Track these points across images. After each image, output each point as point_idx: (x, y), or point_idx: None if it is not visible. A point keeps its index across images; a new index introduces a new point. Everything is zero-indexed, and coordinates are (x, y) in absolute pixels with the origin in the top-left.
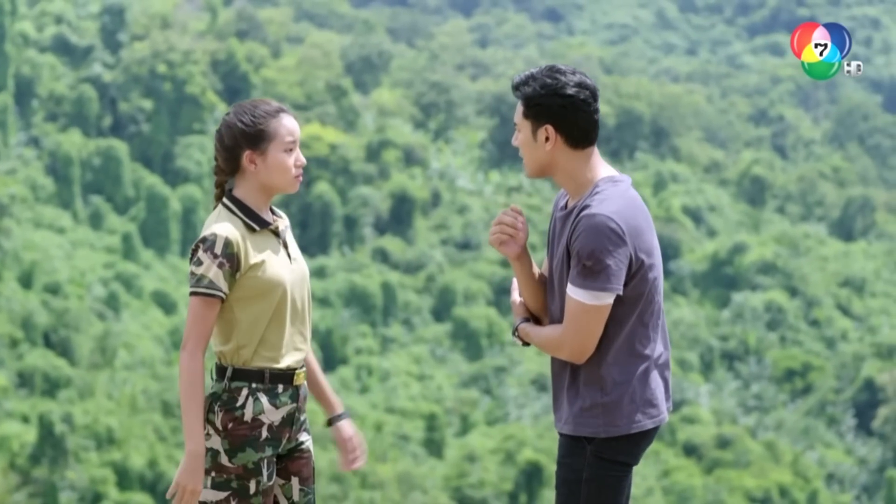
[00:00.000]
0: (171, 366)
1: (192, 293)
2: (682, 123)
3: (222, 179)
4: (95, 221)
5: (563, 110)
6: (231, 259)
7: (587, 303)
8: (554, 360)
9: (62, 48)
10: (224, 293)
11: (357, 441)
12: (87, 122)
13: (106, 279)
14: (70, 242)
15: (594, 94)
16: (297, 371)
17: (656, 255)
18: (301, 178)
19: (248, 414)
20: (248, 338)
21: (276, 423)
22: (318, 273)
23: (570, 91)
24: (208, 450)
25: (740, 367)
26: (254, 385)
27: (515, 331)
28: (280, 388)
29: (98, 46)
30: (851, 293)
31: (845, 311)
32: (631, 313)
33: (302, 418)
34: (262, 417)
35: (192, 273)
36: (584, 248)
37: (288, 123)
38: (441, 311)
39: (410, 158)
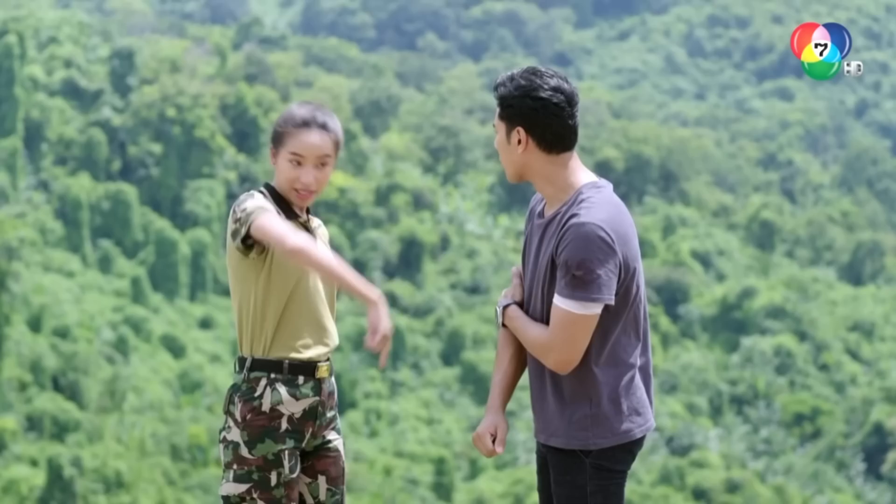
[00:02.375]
0: (179, 409)
1: (249, 224)
2: (691, 167)
3: None
4: (104, 265)
5: (535, 113)
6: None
7: (576, 312)
8: (532, 369)
9: (71, 92)
10: (276, 210)
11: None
12: (96, 166)
13: (115, 323)
14: (79, 286)
15: (570, 100)
16: (319, 364)
17: (639, 262)
18: (304, 196)
19: (266, 404)
20: (265, 325)
21: (297, 415)
22: None
23: (544, 94)
24: (229, 442)
25: (749, 412)
26: (272, 375)
27: (503, 310)
28: (301, 379)
29: (107, 90)
30: (860, 337)
31: (854, 355)
32: (617, 322)
33: (329, 414)
34: (281, 408)
35: (237, 219)
36: (573, 257)
37: (305, 138)
38: (450, 355)
39: (419, 202)
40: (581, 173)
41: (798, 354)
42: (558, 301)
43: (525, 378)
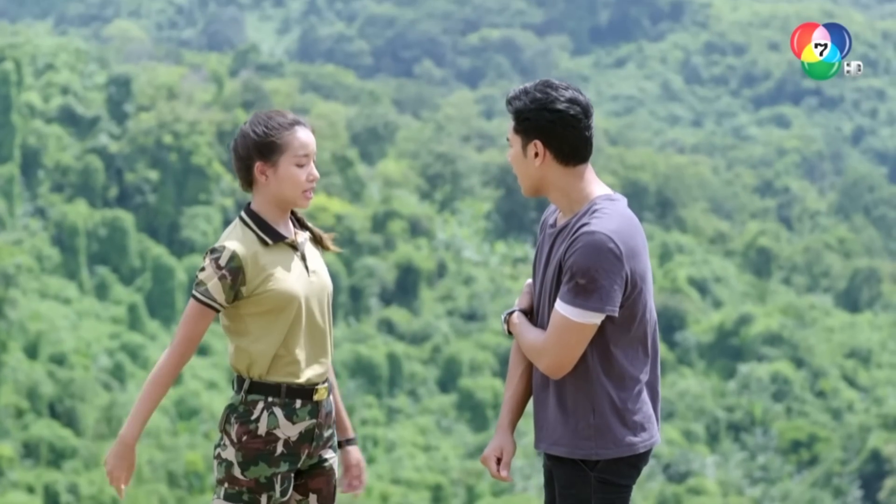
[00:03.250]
0: (176, 436)
1: (192, 296)
2: (688, 194)
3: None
4: (101, 292)
5: (552, 125)
6: (234, 273)
7: (574, 319)
8: (536, 377)
9: (68, 119)
10: (219, 305)
11: (361, 468)
12: (93, 193)
13: (111, 350)
14: (76, 313)
15: (586, 111)
16: (317, 386)
17: (649, 277)
18: (311, 194)
19: (263, 428)
20: (263, 351)
21: (293, 439)
22: None
23: (560, 106)
24: (223, 460)
25: (746, 439)
26: (270, 399)
27: (508, 316)
28: (298, 402)
29: (104, 117)
30: (857, 364)
31: (851, 382)
32: (623, 335)
33: (325, 434)
34: (277, 432)
35: (196, 277)
36: (579, 265)
37: (302, 136)
38: (447, 382)
39: (416, 229)
40: (596, 185)
41: (795, 381)
42: (558, 306)
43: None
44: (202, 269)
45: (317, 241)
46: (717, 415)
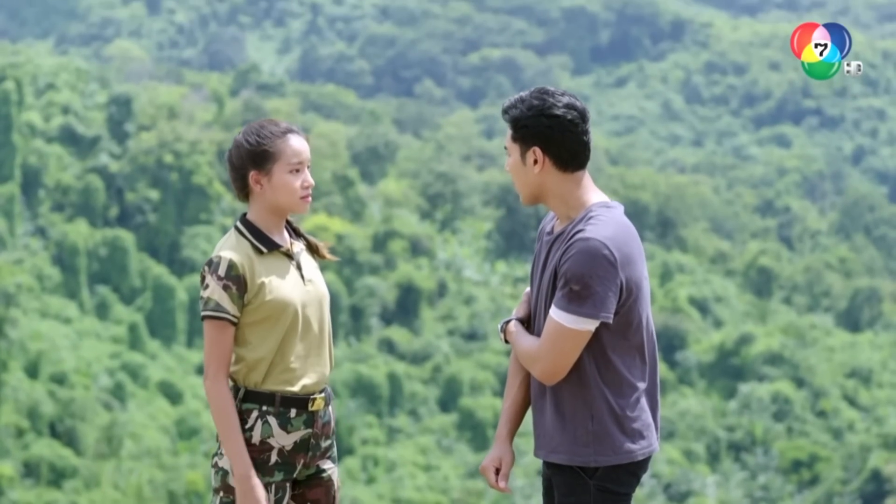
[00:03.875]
0: (177, 456)
1: (203, 317)
2: (689, 214)
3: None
4: (102, 311)
5: (551, 131)
6: (237, 281)
7: (568, 326)
8: (534, 385)
9: (69, 138)
10: (233, 316)
11: (337, 486)
12: (93, 212)
13: (112, 369)
14: (76, 332)
15: (583, 116)
16: (313, 396)
17: (646, 284)
18: (309, 200)
19: (256, 437)
20: (259, 360)
21: (288, 448)
22: None
23: (558, 112)
24: (219, 469)
25: (747, 458)
26: (264, 408)
27: (504, 325)
28: (293, 412)
29: (105, 136)
30: (858, 384)
31: (852, 401)
32: (620, 342)
33: (324, 445)
34: (272, 441)
35: (201, 297)
36: (573, 271)
37: (294, 144)
38: (447, 402)
39: (417, 249)
40: (593, 193)
41: (796, 401)
42: (552, 312)
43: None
44: (205, 287)
45: (312, 250)
46: (717, 434)
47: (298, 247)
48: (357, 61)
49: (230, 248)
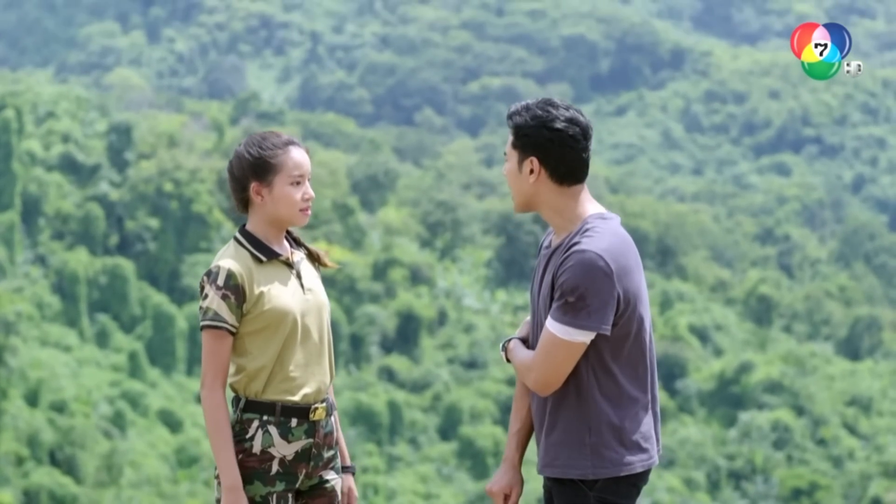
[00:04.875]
0: (176, 484)
1: (201, 327)
2: (689, 242)
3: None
4: (101, 340)
5: (550, 143)
6: (235, 291)
7: (561, 337)
8: (535, 401)
9: (69, 166)
10: (231, 325)
11: (353, 497)
12: (93, 241)
13: (112, 397)
14: (76, 360)
15: (585, 132)
16: (314, 406)
17: (644, 295)
18: (309, 212)
19: (257, 446)
20: (259, 370)
21: (289, 458)
22: None
23: (560, 125)
24: (217, 478)
25: (747, 487)
26: (265, 417)
27: (506, 343)
28: (294, 421)
29: (105, 165)
30: (858, 412)
31: (852, 430)
32: (618, 353)
33: (325, 455)
34: (272, 451)
35: (200, 307)
36: (569, 283)
37: (296, 156)
38: (447, 430)
39: (417, 277)
40: (589, 204)
41: (796, 429)
42: (548, 323)
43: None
44: (204, 297)
45: (313, 258)
46: (717, 463)
47: (299, 256)
48: (357, 90)
49: (229, 258)
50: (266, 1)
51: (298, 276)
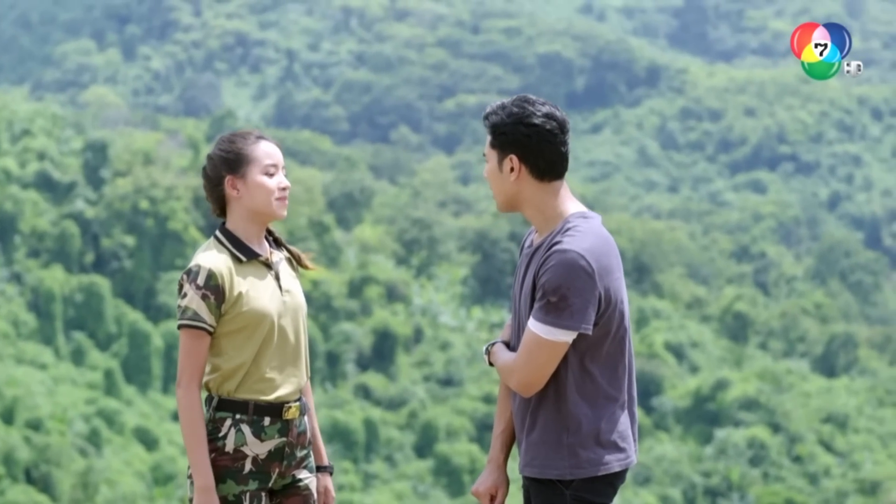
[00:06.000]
0: (152, 502)
1: (179, 326)
2: (665, 260)
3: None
4: (77, 357)
5: (528, 139)
6: (215, 291)
7: (544, 337)
8: (516, 402)
9: (45, 184)
10: (210, 325)
11: (330, 497)
12: (69, 259)
13: (88, 415)
14: (52, 378)
15: (562, 127)
16: (287, 404)
17: (624, 295)
18: (286, 202)
19: (230, 445)
20: (234, 369)
21: (262, 457)
22: None
23: (537, 121)
24: (190, 478)
25: None
26: (237, 416)
27: (489, 348)
28: (266, 420)
29: (80, 182)
30: (834, 429)
31: (828, 447)
32: (597, 353)
33: (298, 454)
34: (245, 449)
35: (178, 306)
36: (550, 283)
37: (266, 147)
38: (423, 448)
39: (393, 294)
40: (570, 203)
41: (772, 446)
42: (530, 324)
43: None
44: (183, 296)
45: (294, 259)
46: (693, 480)
47: (278, 256)
48: (333, 107)
49: (210, 258)
50: (242, 19)
51: (277, 278)
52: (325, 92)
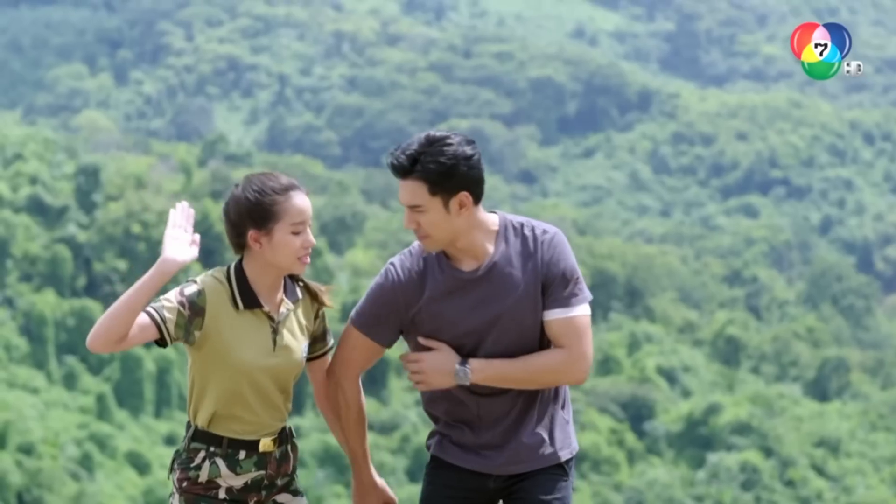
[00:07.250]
0: None
1: (146, 308)
2: (657, 284)
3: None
4: (69, 382)
5: (473, 172)
6: (194, 310)
7: (588, 315)
8: (496, 401)
9: (37, 208)
10: (166, 331)
11: None
12: (61, 283)
13: (80, 439)
14: (44, 403)
15: (475, 143)
16: (262, 439)
17: None
18: (307, 260)
19: (204, 476)
20: (205, 405)
21: (237, 487)
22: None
23: (469, 152)
24: (170, 475)
25: None
26: (211, 449)
27: (466, 367)
28: (242, 454)
29: (73, 207)
30: (827, 453)
31: (820, 471)
32: None
33: (280, 482)
34: (219, 481)
35: (157, 298)
36: (568, 265)
37: (298, 203)
38: (415, 472)
39: None
40: (482, 211)
41: (764, 470)
42: (577, 310)
43: None
44: (164, 291)
45: (313, 298)
46: None
47: (287, 307)
48: (325, 132)
49: (209, 283)
50: (234, 43)
51: (275, 332)
52: (317, 116)
